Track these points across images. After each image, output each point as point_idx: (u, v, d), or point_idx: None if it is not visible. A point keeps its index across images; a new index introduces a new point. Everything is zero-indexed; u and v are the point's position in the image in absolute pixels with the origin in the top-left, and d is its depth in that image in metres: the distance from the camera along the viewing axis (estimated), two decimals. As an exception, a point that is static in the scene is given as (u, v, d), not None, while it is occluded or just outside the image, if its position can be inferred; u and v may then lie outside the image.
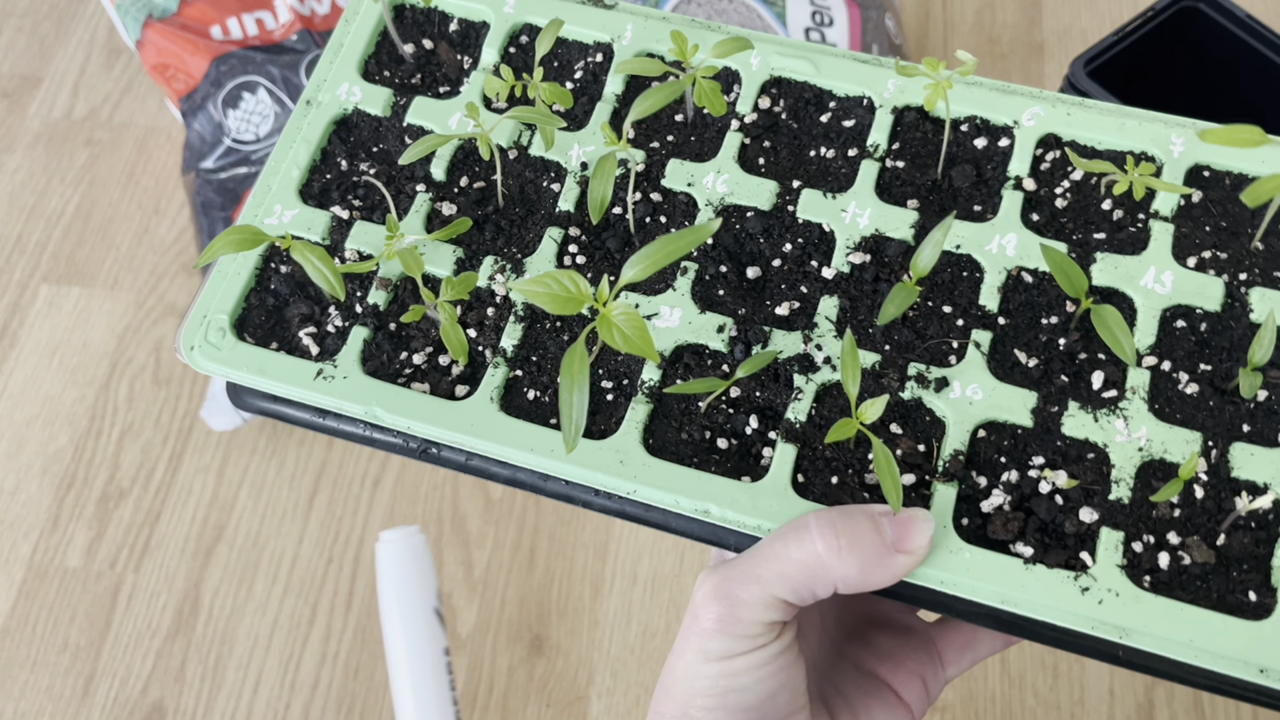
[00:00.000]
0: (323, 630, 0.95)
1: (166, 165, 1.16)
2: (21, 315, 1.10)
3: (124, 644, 0.95)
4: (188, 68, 1.06)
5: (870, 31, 1.05)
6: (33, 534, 1.00)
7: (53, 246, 1.13)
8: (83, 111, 1.20)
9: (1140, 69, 0.85)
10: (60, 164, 1.18)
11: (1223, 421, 0.44)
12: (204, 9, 1.07)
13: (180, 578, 0.97)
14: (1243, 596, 0.41)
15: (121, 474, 1.02)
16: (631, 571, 0.95)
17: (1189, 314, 0.46)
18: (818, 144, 0.51)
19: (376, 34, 0.55)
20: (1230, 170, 0.49)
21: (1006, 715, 0.87)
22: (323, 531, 0.98)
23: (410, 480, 1.00)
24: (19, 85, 1.22)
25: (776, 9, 1.02)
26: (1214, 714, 0.85)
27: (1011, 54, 1.16)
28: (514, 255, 0.49)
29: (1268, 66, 0.85)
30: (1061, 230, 0.48)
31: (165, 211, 1.14)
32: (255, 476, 1.01)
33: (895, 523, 0.41)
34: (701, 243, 0.37)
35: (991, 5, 1.20)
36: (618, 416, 0.46)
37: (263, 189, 0.51)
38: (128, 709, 0.92)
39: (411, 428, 0.46)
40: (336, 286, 0.43)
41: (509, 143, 0.51)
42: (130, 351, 1.07)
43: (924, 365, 0.45)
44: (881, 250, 0.48)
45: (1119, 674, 0.87)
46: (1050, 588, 0.41)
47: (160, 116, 1.19)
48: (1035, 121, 0.50)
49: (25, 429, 1.04)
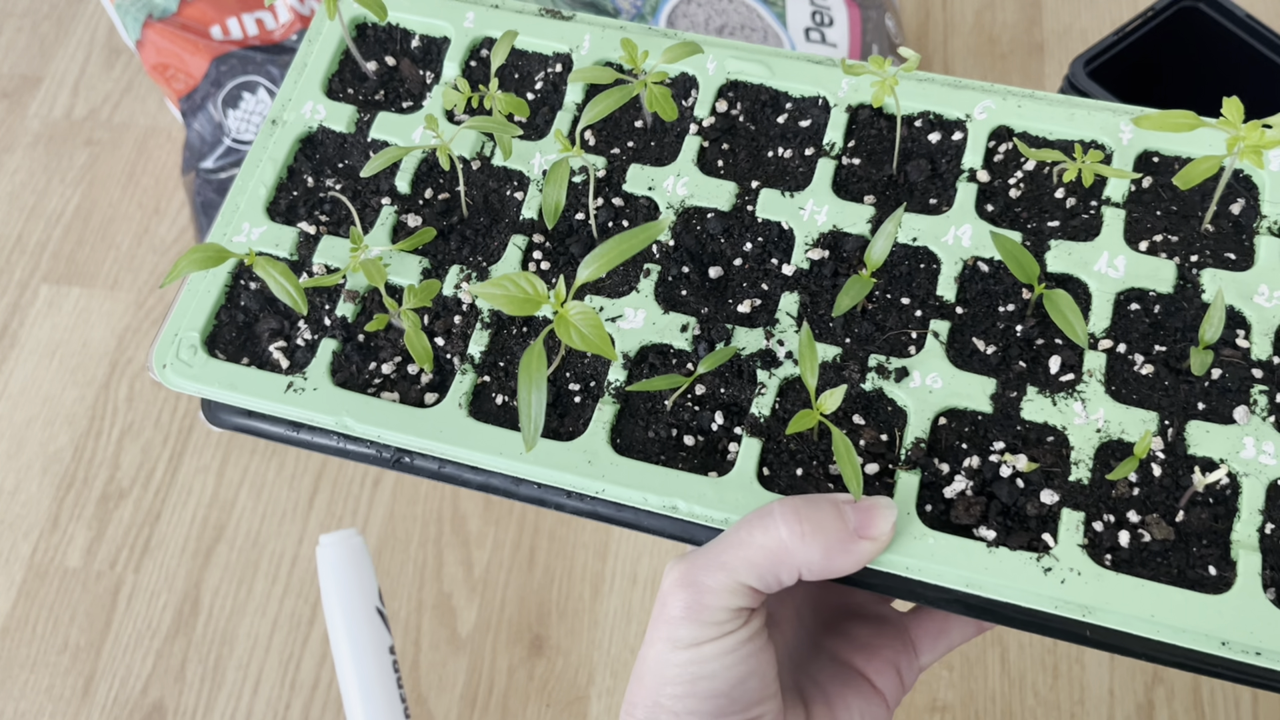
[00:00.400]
0: (322, 630, 0.95)
1: (166, 165, 1.17)
2: (21, 315, 1.10)
3: (124, 644, 0.95)
4: (188, 68, 1.06)
5: (870, 31, 1.05)
6: (33, 534, 1.00)
7: (53, 246, 1.14)
8: (83, 111, 1.21)
9: (1140, 69, 0.86)
10: (60, 164, 1.18)
11: (1178, 400, 0.44)
12: (204, 9, 1.07)
13: (180, 578, 0.97)
14: (1203, 571, 0.41)
15: (121, 474, 1.02)
16: (631, 571, 0.95)
17: (1142, 297, 0.47)
18: (775, 145, 0.52)
19: (339, 53, 0.56)
20: (1179, 155, 0.49)
21: (1006, 715, 0.87)
22: (322, 531, 0.98)
23: (410, 480, 1.01)
24: (19, 85, 1.23)
25: (776, 9, 1.03)
26: (1214, 713, 0.85)
27: (1011, 54, 1.17)
28: (479, 264, 0.50)
29: (1268, 66, 0.85)
30: (1016, 220, 0.49)
31: (165, 211, 1.15)
32: (255, 476, 1.01)
33: (858, 509, 0.41)
34: (654, 240, 0.38)
35: (991, 5, 1.21)
36: (585, 418, 0.46)
37: (231, 207, 0.52)
38: (128, 709, 0.92)
39: (382, 436, 0.46)
40: (299, 302, 0.43)
41: (471, 154, 0.52)
42: (130, 351, 1.08)
43: (884, 356, 0.46)
44: (840, 246, 0.49)
45: (1119, 674, 0.88)
46: (1014, 569, 0.41)
47: (160, 116, 1.20)
48: (987, 115, 0.51)
49: (25, 429, 1.05)
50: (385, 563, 0.97)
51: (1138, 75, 0.85)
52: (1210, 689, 0.86)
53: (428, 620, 0.95)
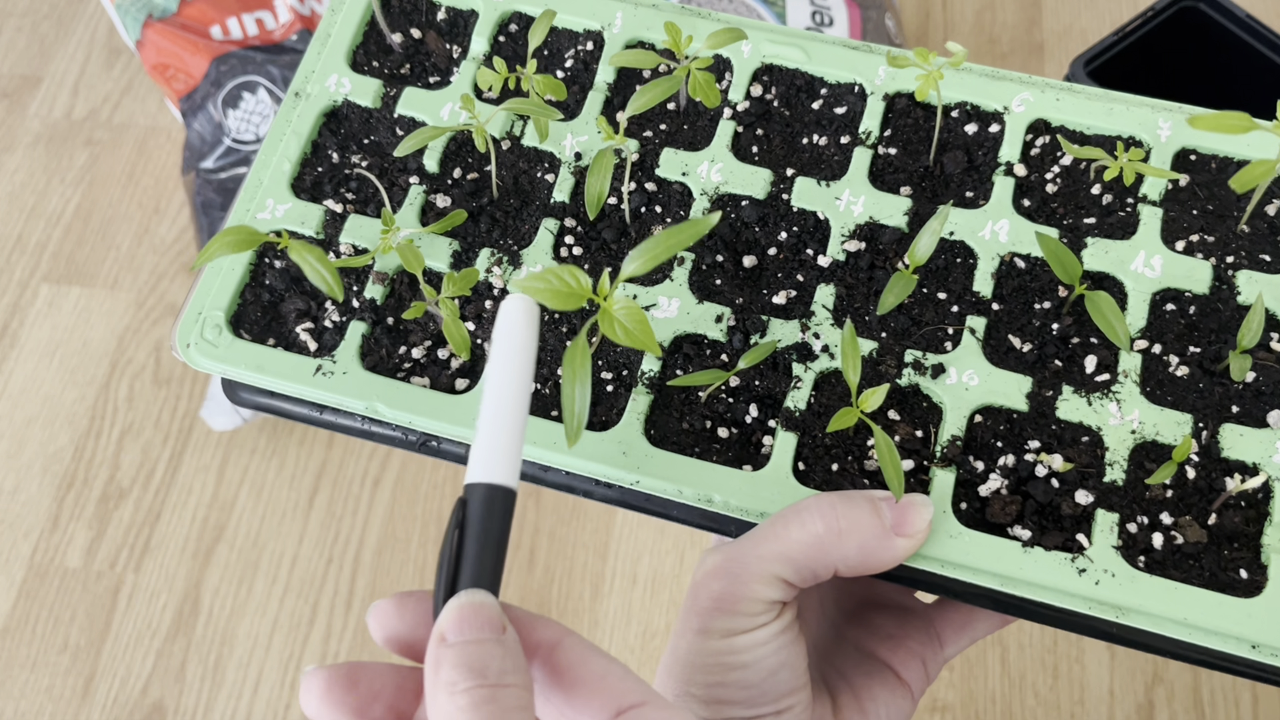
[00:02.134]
0: (323, 630, 0.95)
1: (166, 165, 1.15)
2: (21, 315, 1.09)
3: (124, 644, 0.95)
4: (188, 68, 1.05)
5: (870, 31, 1.05)
6: (33, 534, 0.99)
7: (53, 246, 1.12)
8: (83, 111, 1.19)
9: (1140, 69, 0.86)
10: (60, 164, 1.16)
11: (1212, 403, 0.45)
12: (204, 9, 1.06)
13: (180, 578, 0.97)
14: (1234, 574, 0.42)
15: (121, 474, 1.01)
16: (631, 571, 0.95)
17: (1178, 297, 0.47)
18: (810, 131, 0.51)
19: (364, 23, 0.54)
20: (1217, 154, 0.49)
21: (1006, 715, 0.88)
22: (323, 531, 0.98)
23: (410, 480, 1.00)
24: (19, 85, 1.21)
25: (776, 9, 1.02)
26: (1214, 713, 0.87)
27: (1011, 54, 1.16)
28: (510, 247, 0.49)
29: (1268, 66, 0.85)
30: (1052, 216, 0.49)
31: (165, 211, 1.13)
32: (255, 476, 1.01)
33: (895, 507, 0.41)
34: (701, 236, 0.38)
35: (991, 5, 1.20)
36: (618, 407, 0.46)
37: (254, 183, 0.50)
38: (128, 709, 0.92)
39: (413, 422, 0.46)
40: (335, 287, 0.43)
41: (502, 133, 0.51)
42: (130, 351, 1.07)
43: (920, 351, 0.46)
44: (876, 237, 0.48)
45: (1119, 674, 0.89)
46: (1048, 569, 0.42)
47: (160, 116, 1.18)
48: (1025, 107, 0.50)
49: (25, 429, 1.04)
50: (385, 562, 0.97)
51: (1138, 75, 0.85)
52: (1210, 689, 0.87)
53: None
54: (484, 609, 0.34)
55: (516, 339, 0.37)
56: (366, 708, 0.35)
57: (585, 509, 0.98)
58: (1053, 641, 0.90)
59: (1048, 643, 0.90)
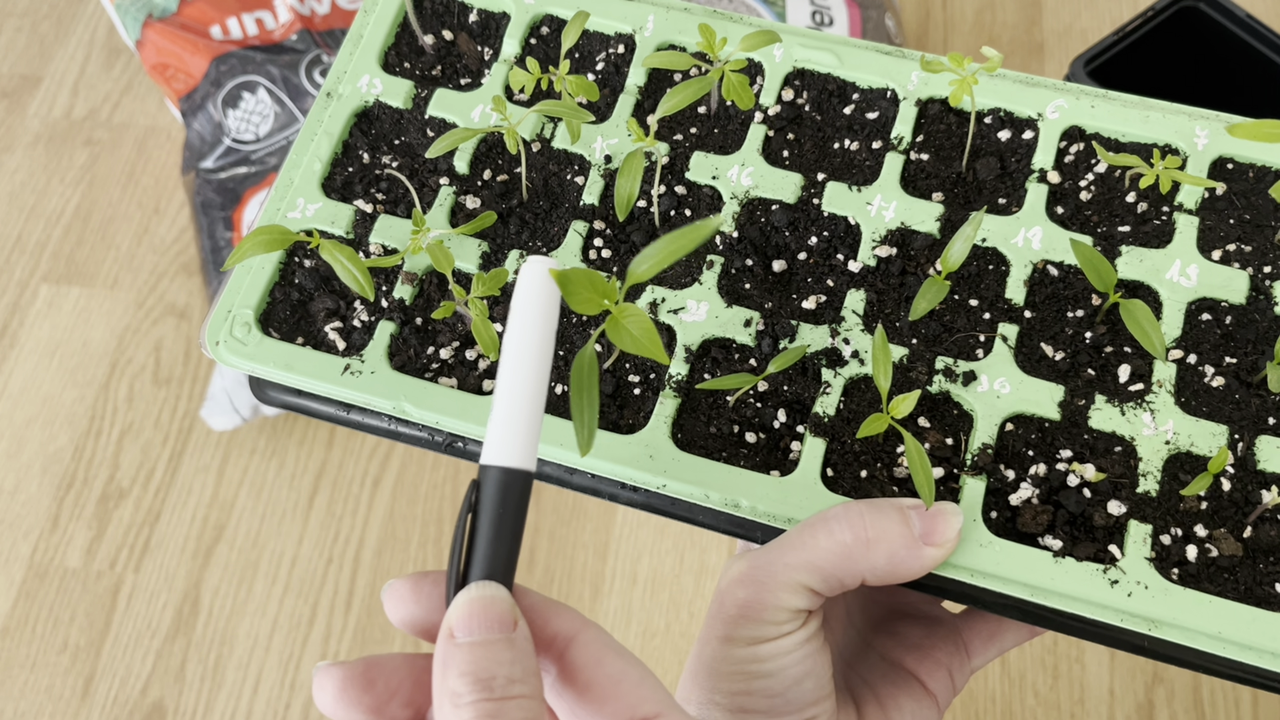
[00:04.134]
0: (323, 630, 0.95)
1: (166, 165, 1.16)
2: (21, 315, 1.10)
3: (124, 644, 0.95)
4: (188, 67, 1.06)
5: (870, 31, 1.05)
6: (33, 534, 1.00)
7: (53, 246, 1.13)
8: (83, 111, 1.20)
9: (1140, 69, 0.85)
10: (60, 164, 1.17)
11: (1248, 414, 0.44)
12: (204, 9, 1.07)
13: (180, 578, 0.97)
14: (1270, 589, 0.41)
15: (121, 474, 1.02)
16: (631, 571, 0.95)
17: (1214, 307, 0.46)
18: (841, 136, 0.51)
19: (396, 25, 0.55)
20: (1254, 163, 0.49)
21: (1006, 715, 0.88)
22: (323, 531, 0.98)
23: (410, 480, 1.00)
24: (19, 85, 1.22)
25: (776, 9, 1.02)
26: (1214, 713, 0.86)
27: (1011, 54, 1.16)
28: (539, 249, 0.49)
29: (1268, 66, 0.85)
30: (1086, 223, 0.48)
31: (165, 211, 1.14)
32: (255, 476, 1.01)
33: (924, 516, 0.41)
34: (704, 239, 0.37)
35: (991, 5, 1.19)
36: (645, 411, 0.46)
37: (285, 182, 0.51)
38: (128, 709, 0.92)
39: (439, 423, 0.46)
40: (366, 287, 0.43)
41: (532, 135, 0.51)
42: (130, 351, 1.07)
43: (951, 359, 0.45)
44: (907, 243, 0.48)
45: (1119, 674, 0.88)
46: (1080, 581, 0.41)
47: (160, 116, 1.19)
48: (1059, 114, 0.50)
49: (25, 429, 1.04)
50: (385, 563, 0.97)
51: (1138, 75, 0.84)
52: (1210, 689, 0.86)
53: (427, 621, 0.95)
54: (494, 604, 0.33)
55: (536, 308, 0.34)
56: (384, 706, 0.34)
57: (585, 509, 0.98)
58: (1053, 642, 0.89)
59: (1048, 643, 0.89)
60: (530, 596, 0.35)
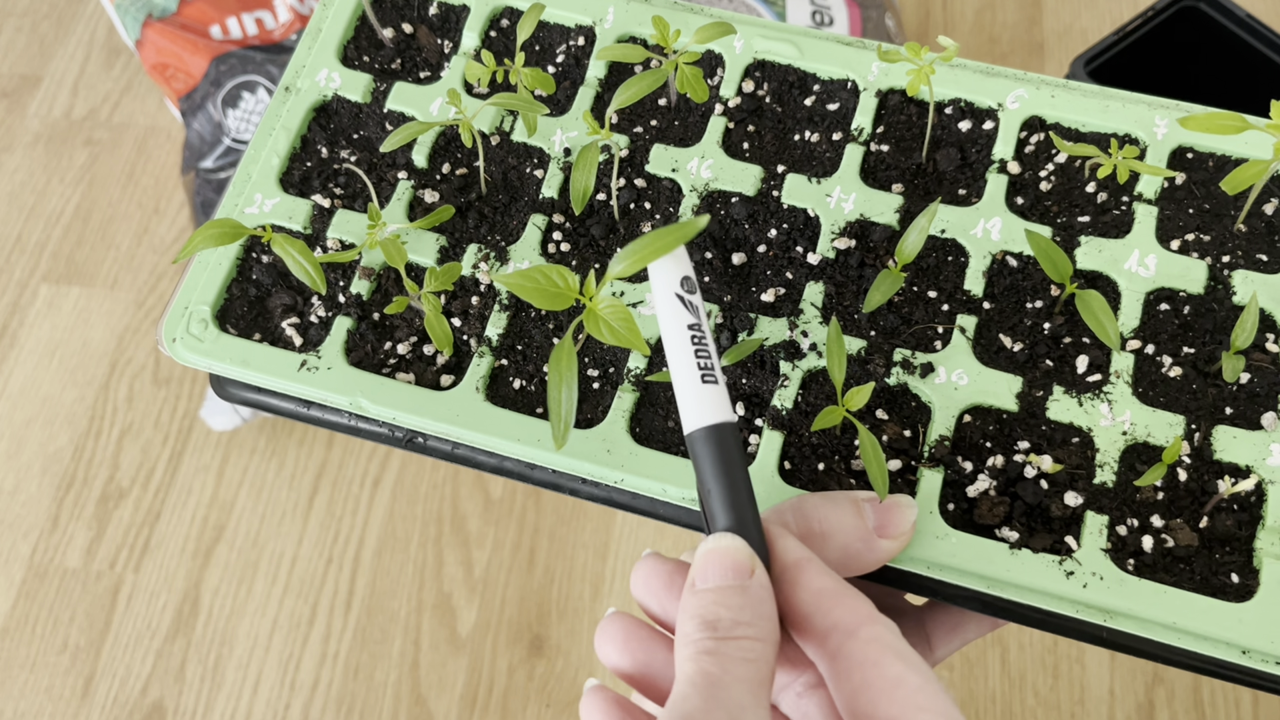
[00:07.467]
0: (323, 630, 0.95)
1: (166, 165, 1.16)
2: (21, 315, 1.09)
3: (124, 644, 0.95)
4: (187, 67, 1.05)
5: (870, 31, 1.05)
6: (33, 534, 0.99)
7: (53, 246, 1.12)
8: (82, 111, 1.19)
9: (1140, 69, 0.85)
10: (60, 164, 1.17)
11: (1205, 404, 0.44)
12: (204, 8, 1.07)
13: (180, 578, 0.97)
14: (1225, 579, 0.41)
15: (121, 474, 1.02)
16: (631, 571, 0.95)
17: (1172, 297, 0.46)
18: (802, 128, 0.51)
19: (355, 19, 0.54)
20: (1213, 152, 0.49)
21: (1006, 715, 0.88)
22: (322, 531, 0.98)
23: (410, 480, 1.00)
24: (19, 85, 1.21)
25: (776, 8, 1.02)
26: (1214, 713, 0.86)
27: (1011, 54, 1.16)
28: (498, 243, 0.49)
29: (1268, 66, 0.85)
30: (1046, 214, 0.48)
31: (165, 211, 1.14)
32: (255, 476, 1.01)
33: (878, 508, 0.41)
34: (690, 239, 0.37)
35: (991, 5, 1.19)
36: (604, 405, 0.46)
37: (243, 177, 0.50)
38: (128, 709, 0.92)
39: (397, 419, 0.45)
40: (318, 280, 0.42)
41: (491, 128, 0.51)
42: (130, 351, 1.07)
43: (910, 350, 0.45)
44: (867, 235, 0.48)
45: (1119, 674, 0.88)
46: (1036, 572, 0.41)
47: (160, 116, 1.18)
48: (1019, 104, 0.50)
49: (25, 429, 1.04)
50: (385, 563, 0.97)
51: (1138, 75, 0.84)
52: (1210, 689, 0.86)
53: (428, 620, 0.95)
54: (726, 554, 0.35)
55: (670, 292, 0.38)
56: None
57: (585, 509, 0.98)
58: (1053, 642, 0.89)
59: (1048, 643, 0.89)
60: (821, 580, 0.36)
